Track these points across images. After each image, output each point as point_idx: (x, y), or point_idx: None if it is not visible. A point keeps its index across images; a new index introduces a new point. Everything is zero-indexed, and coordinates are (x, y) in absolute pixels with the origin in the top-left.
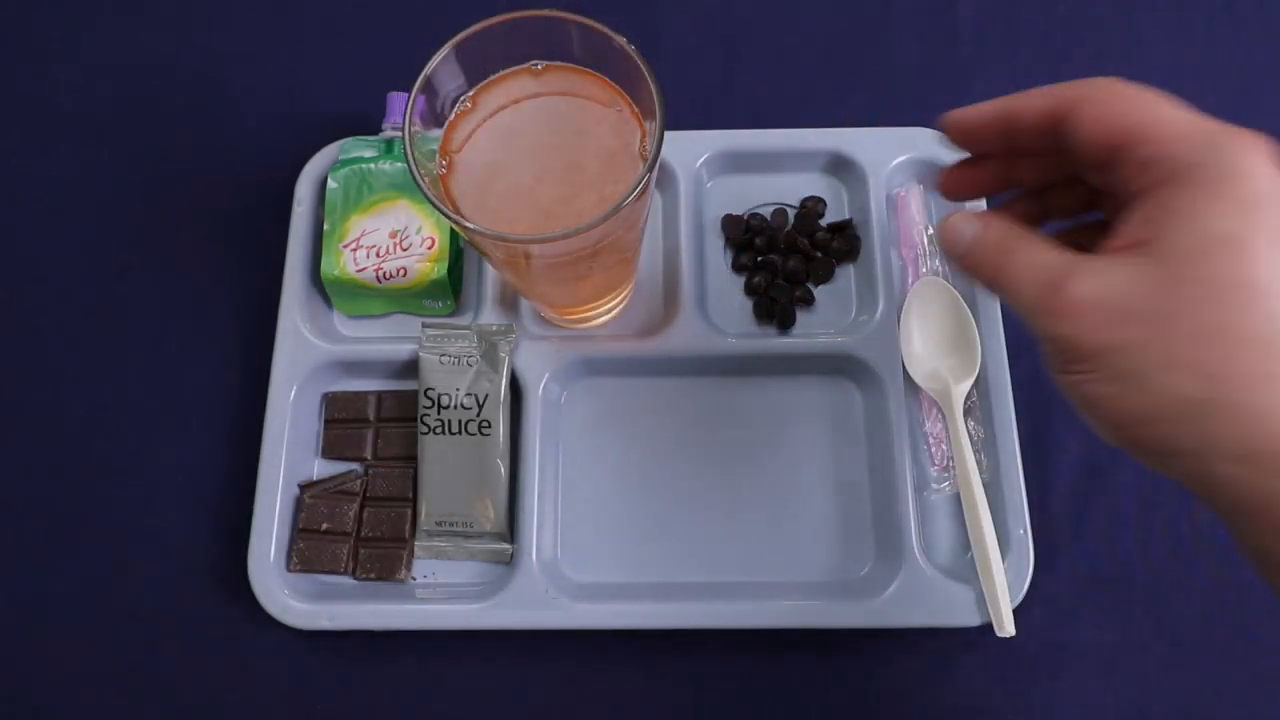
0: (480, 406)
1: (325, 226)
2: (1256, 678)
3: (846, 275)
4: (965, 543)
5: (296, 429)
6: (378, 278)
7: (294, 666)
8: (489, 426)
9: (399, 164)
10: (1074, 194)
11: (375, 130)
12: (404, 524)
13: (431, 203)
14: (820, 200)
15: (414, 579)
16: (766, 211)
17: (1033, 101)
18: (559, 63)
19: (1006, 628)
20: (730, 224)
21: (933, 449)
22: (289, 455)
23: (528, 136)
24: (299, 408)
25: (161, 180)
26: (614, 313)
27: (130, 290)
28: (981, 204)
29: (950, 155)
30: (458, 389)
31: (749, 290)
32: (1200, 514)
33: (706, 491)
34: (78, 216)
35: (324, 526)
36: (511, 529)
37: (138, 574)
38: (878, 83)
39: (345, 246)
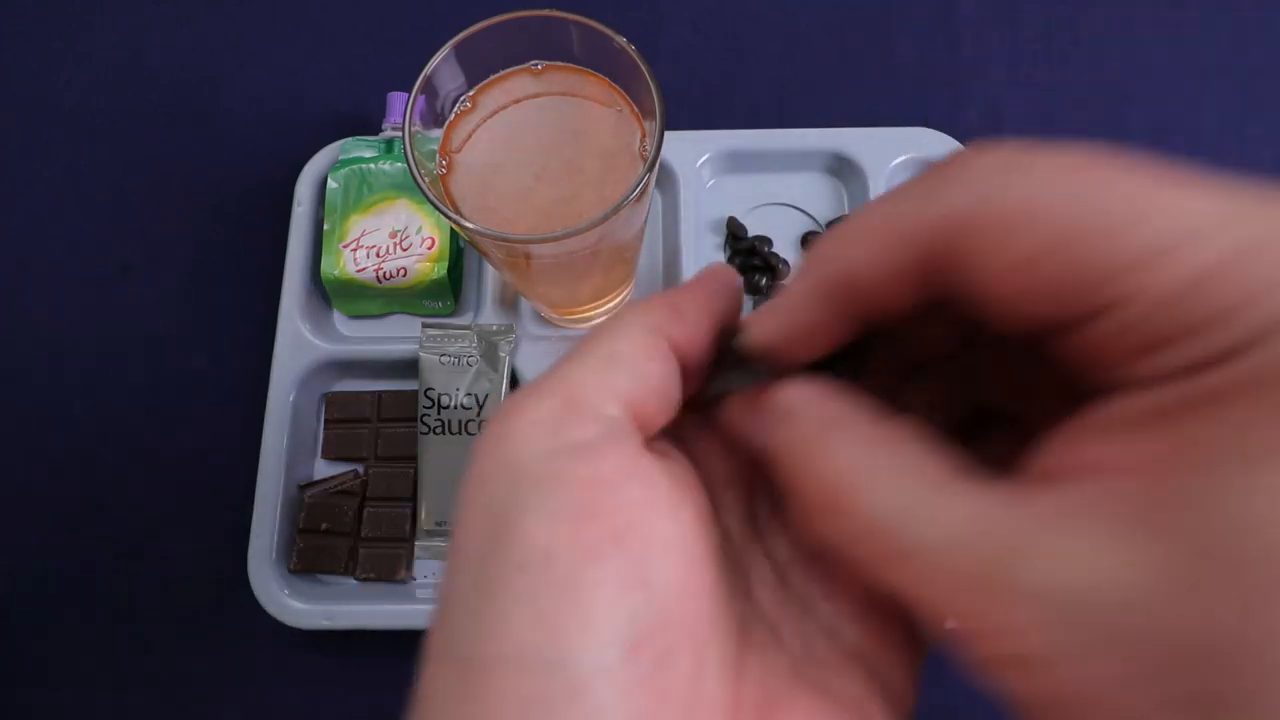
0: (480, 406)
1: (325, 226)
2: None
3: None
4: None
5: (296, 429)
6: (378, 278)
7: (294, 666)
8: None
9: (399, 164)
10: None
11: (375, 130)
12: (404, 524)
13: (431, 203)
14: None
15: (414, 579)
16: (766, 214)
17: (880, 258)
18: (559, 63)
19: None
20: (733, 225)
21: None
22: (289, 455)
23: (528, 136)
24: (299, 408)
25: (161, 180)
26: (614, 313)
27: (130, 290)
28: None
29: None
30: (458, 389)
31: (749, 290)
32: None
33: None
34: (78, 216)
35: (324, 526)
36: None
37: (137, 573)
38: (878, 83)
39: (345, 246)
